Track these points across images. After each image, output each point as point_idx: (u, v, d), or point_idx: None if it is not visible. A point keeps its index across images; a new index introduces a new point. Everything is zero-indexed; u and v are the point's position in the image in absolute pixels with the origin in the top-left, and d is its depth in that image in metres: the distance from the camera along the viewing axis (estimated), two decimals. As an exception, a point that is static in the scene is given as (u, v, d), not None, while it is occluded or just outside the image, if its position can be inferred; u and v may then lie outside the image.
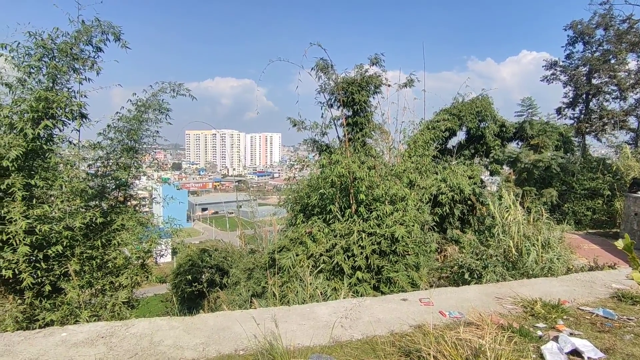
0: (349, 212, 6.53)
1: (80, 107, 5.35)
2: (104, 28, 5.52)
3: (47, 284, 5.07)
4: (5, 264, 4.59)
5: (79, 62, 5.41)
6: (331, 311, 3.34)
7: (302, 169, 7.53)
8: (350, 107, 7.39)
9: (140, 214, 6.28)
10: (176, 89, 6.09)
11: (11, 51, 5.02)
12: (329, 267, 6.15)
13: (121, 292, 5.62)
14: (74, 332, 2.59)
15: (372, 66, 7.20)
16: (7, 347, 2.36)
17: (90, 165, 6.01)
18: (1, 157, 4.65)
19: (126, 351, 2.39)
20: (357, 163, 6.42)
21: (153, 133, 6.16)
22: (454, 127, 11.90)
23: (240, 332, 2.80)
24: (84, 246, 5.44)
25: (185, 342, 2.59)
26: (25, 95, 5.08)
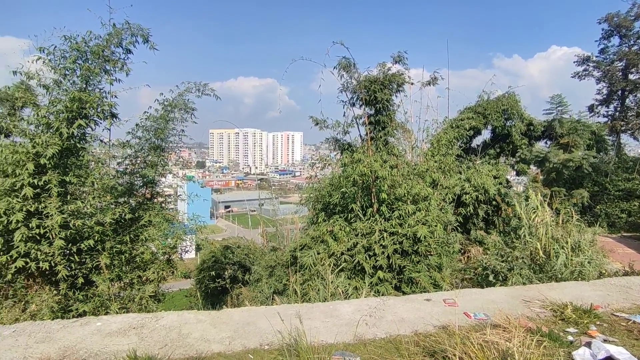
0: (370, 211, 6.49)
1: (111, 107, 5.55)
2: (134, 30, 5.70)
3: (80, 276, 5.30)
4: (43, 256, 4.83)
5: (110, 64, 5.61)
6: (354, 309, 3.35)
7: (324, 168, 7.55)
8: (372, 105, 7.34)
9: (167, 210, 6.46)
10: (201, 88, 6.23)
11: (48, 54, 5.26)
12: (350, 266, 6.14)
13: (148, 286, 5.82)
14: (107, 322, 2.71)
15: (395, 64, 7.13)
16: (47, 334, 2.50)
17: (119, 163, 6.24)
18: (39, 155, 4.89)
19: (156, 342, 2.48)
20: (379, 162, 6.37)
21: (179, 132, 6.34)
22: (479, 126, 11.63)
23: (265, 327, 2.84)
24: (113, 241, 5.66)
25: (212, 335, 2.65)
26: (60, 96, 5.31)
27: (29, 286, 5.18)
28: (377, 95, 7.13)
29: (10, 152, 4.81)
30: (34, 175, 4.83)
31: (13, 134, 5.41)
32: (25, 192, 4.72)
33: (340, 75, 7.12)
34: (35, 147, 4.88)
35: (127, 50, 5.73)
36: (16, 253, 4.70)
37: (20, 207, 4.70)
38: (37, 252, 4.81)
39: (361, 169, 6.10)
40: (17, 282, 5.04)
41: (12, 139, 5.54)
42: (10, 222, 4.64)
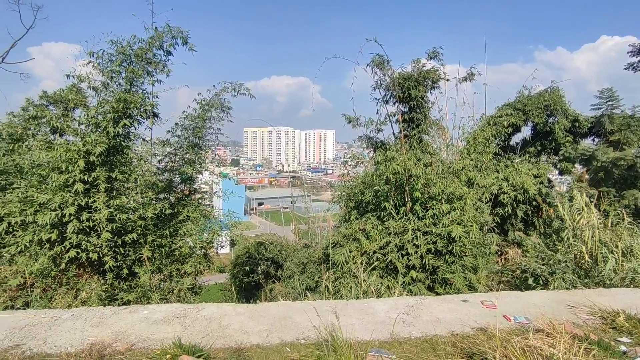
0: (403, 210, 6.41)
1: (152, 107, 5.81)
2: (174, 33, 5.93)
3: (125, 267, 5.61)
4: (92, 247, 5.14)
5: (152, 66, 5.86)
6: (389, 308, 3.33)
7: (357, 166, 7.53)
8: (406, 103, 7.23)
9: (204, 206, 6.69)
10: (237, 88, 6.39)
11: (97, 58, 5.57)
12: (382, 264, 6.10)
13: (186, 279, 6.06)
14: (153, 311, 2.87)
15: (430, 60, 6.99)
16: (100, 319, 2.68)
17: (160, 160, 6.53)
18: (89, 153, 5.21)
19: (198, 331, 2.59)
20: (412, 160, 6.28)
21: (215, 130, 6.54)
22: (518, 123, 11.12)
23: (301, 322, 2.89)
24: (154, 235, 5.93)
25: (250, 327, 2.73)
26: (107, 97, 5.61)
27: (80, 275, 5.53)
28: (411, 92, 7.02)
29: (64, 150, 5.15)
30: (84, 172, 5.14)
31: (66, 133, 5.79)
32: (77, 187, 5.03)
33: (374, 73, 7.07)
34: (86, 146, 5.19)
35: (168, 52, 5.97)
36: (69, 244, 5.03)
37: (73, 201, 5.02)
38: (87, 243, 5.13)
39: (394, 167, 6.04)
40: (70, 270, 5.40)
41: (65, 137, 5.94)
42: (64, 215, 4.97)
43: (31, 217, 5.00)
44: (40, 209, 5.07)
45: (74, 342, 2.36)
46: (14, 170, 5.62)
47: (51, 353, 2.24)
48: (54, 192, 5.08)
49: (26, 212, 5.05)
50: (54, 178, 5.09)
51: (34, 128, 6.04)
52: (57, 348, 2.30)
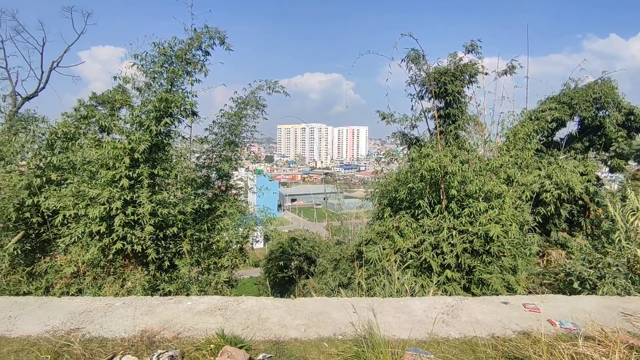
0: (438, 208, 6.28)
1: (192, 106, 6.01)
2: (212, 34, 6.10)
3: (166, 259, 5.88)
4: (136, 240, 5.43)
5: (191, 66, 6.06)
6: (426, 307, 3.28)
7: (390, 163, 7.43)
8: (442, 98, 7.04)
9: (239, 202, 6.88)
10: (272, 86, 6.48)
11: (141, 60, 5.84)
12: (416, 263, 6.02)
13: (223, 272, 6.26)
14: (196, 302, 3.00)
15: (468, 54, 6.75)
16: (149, 308, 2.84)
17: (198, 157, 6.77)
18: (133, 150, 5.48)
19: (239, 323, 2.68)
20: (448, 157, 6.12)
21: (251, 128, 6.68)
22: (563, 117, 10.47)
23: (338, 318, 2.92)
24: (193, 229, 6.17)
25: (288, 321, 2.79)
26: (150, 97, 5.88)
27: (125, 266, 5.86)
28: (447, 87, 6.82)
29: (111, 148, 5.45)
30: (129, 168, 5.42)
31: (113, 131, 6.14)
32: (123, 182, 5.32)
33: (409, 68, 6.93)
34: (131, 143, 5.47)
35: (206, 53, 6.14)
36: (116, 236, 5.33)
37: (119, 195, 5.32)
38: (132, 236, 5.42)
39: (429, 164, 5.91)
40: (117, 261, 5.73)
41: (112, 136, 6.29)
42: (112, 209, 5.27)
43: (83, 210, 5.34)
44: (90, 202, 5.40)
45: (126, 328, 2.52)
46: (68, 166, 6.02)
47: (107, 337, 2.41)
48: (102, 187, 5.40)
49: (78, 206, 5.40)
50: (103, 174, 5.41)
51: (85, 127, 6.43)
52: (112, 333, 2.46)
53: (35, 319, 2.63)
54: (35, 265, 5.86)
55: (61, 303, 2.94)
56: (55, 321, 2.59)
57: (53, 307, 2.84)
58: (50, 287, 5.64)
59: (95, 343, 2.33)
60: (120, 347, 2.26)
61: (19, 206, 5.80)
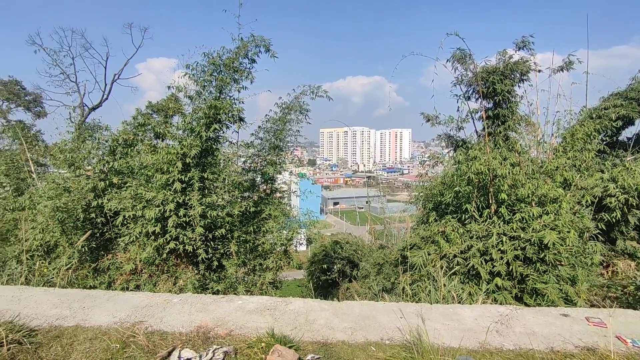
0: (487, 213, 6.01)
1: (239, 112, 6.24)
2: (257, 42, 6.29)
3: (215, 260, 6.14)
4: (188, 240, 5.72)
5: (238, 74, 6.30)
6: (477, 315, 3.16)
7: (435, 166, 7.24)
8: (490, 98, 6.76)
9: (284, 205, 7.03)
10: (315, 91, 6.57)
11: (192, 70, 6.16)
12: (463, 269, 5.80)
13: (268, 274, 6.42)
14: (247, 302, 3.11)
15: (519, 51, 6.43)
16: (203, 306, 3.00)
17: (244, 161, 7.01)
18: (185, 155, 5.79)
19: (287, 324, 2.75)
20: (498, 159, 5.86)
21: (294, 132, 6.82)
22: (631, 115, 9.57)
23: (385, 322, 2.89)
24: (240, 231, 6.39)
25: (335, 324, 2.82)
26: (200, 104, 6.18)
27: (177, 265, 6.19)
28: (496, 86, 6.54)
29: (165, 153, 5.80)
30: (181, 172, 5.74)
31: (167, 137, 6.54)
32: (176, 186, 5.63)
33: (454, 68, 6.74)
34: (183, 149, 5.78)
35: (252, 60, 6.35)
36: (169, 236, 5.65)
37: (172, 198, 5.64)
38: (184, 236, 5.71)
39: (477, 167, 5.69)
40: (170, 260, 6.07)
41: (165, 142, 6.69)
42: (166, 211, 5.60)
43: (140, 211, 5.72)
44: (147, 204, 5.77)
45: (184, 323, 2.68)
46: (127, 171, 6.48)
47: (167, 331, 2.57)
48: (157, 190, 5.75)
49: (136, 208, 5.79)
50: (158, 178, 5.76)
51: (142, 134, 6.91)
52: (171, 327, 2.63)
53: (105, 310, 2.88)
54: (99, 262, 6.35)
55: (126, 297, 3.18)
56: (122, 314, 2.82)
57: (119, 300, 3.08)
58: (112, 282, 6.08)
59: (157, 336, 2.49)
60: (178, 341, 2.41)
61: (86, 207, 6.33)
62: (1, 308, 2.78)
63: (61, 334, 2.47)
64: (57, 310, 2.84)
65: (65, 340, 2.39)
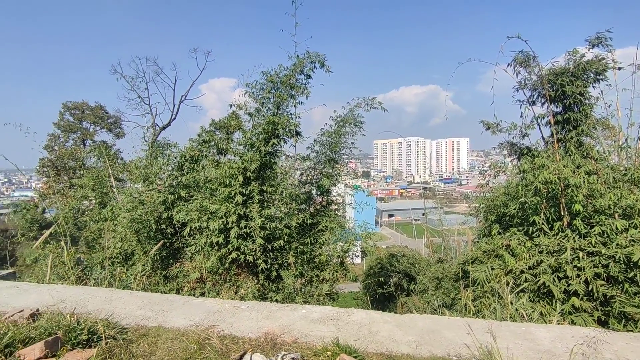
0: (558, 226, 5.58)
1: (295, 127, 6.46)
2: (312, 58, 6.52)
3: (274, 270, 6.33)
4: (248, 251, 5.97)
5: (294, 90, 6.55)
6: (554, 336, 2.92)
7: (497, 175, 6.87)
8: (559, 101, 6.30)
9: (339, 217, 7.09)
10: (369, 103, 6.63)
11: (251, 88, 6.53)
12: (532, 287, 5.40)
13: (324, 285, 6.47)
14: (310, 311, 3.18)
15: (592, 48, 5.94)
16: (269, 313, 3.12)
17: (301, 174, 7.21)
18: (246, 169, 6.11)
19: (351, 334, 2.76)
20: (569, 167, 5.43)
21: (349, 145, 6.90)
22: None
23: (451, 337, 2.79)
24: (297, 242, 6.54)
25: (398, 336, 2.77)
26: (259, 120, 6.50)
27: (239, 274, 6.47)
28: (565, 89, 6.08)
29: (227, 168, 6.16)
30: (242, 186, 6.05)
31: (228, 153, 6.95)
32: (237, 199, 5.94)
33: (516, 72, 6.41)
34: (243, 163, 6.11)
35: (308, 76, 6.57)
36: (231, 247, 5.94)
37: (234, 210, 5.95)
38: (245, 247, 5.97)
39: (545, 176, 5.32)
40: (232, 270, 6.37)
41: (227, 157, 7.12)
42: (228, 222, 5.91)
43: (205, 223, 6.10)
44: (211, 216, 6.14)
45: (252, 329, 2.81)
46: (194, 184, 6.97)
47: (237, 335, 2.71)
48: (220, 202, 6.10)
49: (202, 219, 6.19)
50: (221, 191, 6.12)
51: (206, 150, 7.42)
52: (241, 332, 2.77)
53: (181, 314, 3.11)
54: (169, 270, 6.85)
55: (199, 302, 3.41)
56: (196, 317, 3.03)
57: (193, 305, 3.31)
58: (180, 289, 6.50)
59: (228, 339, 2.64)
60: (248, 345, 2.53)
61: (158, 219, 6.89)
62: (97, 307, 3.13)
63: (147, 333, 2.71)
64: (141, 311, 3.13)
65: (151, 338, 2.63)
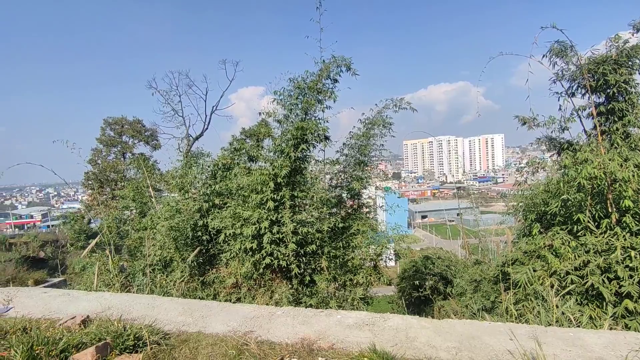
0: (606, 223, 5.25)
1: (324, 131, 6.48)
2: (339, 62, 6.51)
3: (307, 275, 6.37)
4: (281, 256, 6.04)
5: (322, 95, 6.56)
6: (606, 342, 2.74)
7: (535, 172, 6.56)
8: (601, 92, 5.94)
9: (371, 220, 7.04)
10: (398, 104, 6.54)
11: (279, 95, 6.62)
12: (580, 289, 5.11)
13: (358, 289, 6.43)
14: (345, 316, 3.17)
15: (637, 33, 5.58)
16: (304, 319, 3.15)
17: (331, 178, 7.22)
18: (276, 175, 6.19)
19: (387, 340, 2.72)
20: (616, 160, 5.10)
21: (378, 147, 6.84)
22: None
23: (492, 344, 2.69)
24: (329, 246, 6.54)
25: (437, 342, 2.70)
26: (288, 127, 6.57)
27: (273, 279, 6.56)
28: (607, 77, 5.73)
29: (259, 174, 6.27)
30: (273, 191, 6.13)
31: (259, 160, 7.09)
32: (269, 205, 6.03)
33: (552, 64, 6.11)
34: (274, 169, 6.19)
35: (334, 80, 6.57)
36: (265, 252, 6.03)
37: (266, 216, 6.04)
38: (278, 252, 6.05)
39: (589, 171, 5.03)
40: (266, 275, 6.47)
41: (258, 164, 7.26)
42: (261, 228, 6.02)
43: (239, 229, 6.24)
44: (244, 223, 6.27)
45: (288, 335, 2.84)
46: (227, 192, 7.15)
47: (274, 341, 2.75)
48: (253, 209, 6.21)
49: (235, 226, 6.33)
50: (253, 197, 6.24)
51: (237, 158, 7.60)
52: (277, 338, 2.80)
53: (220, 319, 3.19)
54: (205, 276, 7.06)
55: (236, 308, 3.49)
56: (234, 323, 3.10)
57: (230, 311, 3.40)
58: (217, 294, 6.67)
59: (266, 345, 2.68)
60: (285, 351, 2.56)
61: (194, 226, 7.12)
62: (141, 314, 3.29)
63: (188, 339, 2.81)
64: (182, 317, 3.25)
65: (192, 344, 2.72)
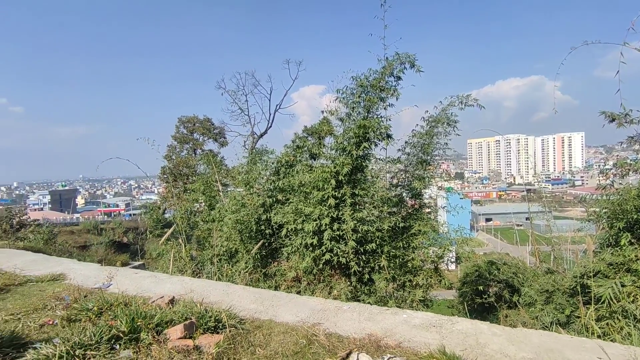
0: None
1: (386, 130, 6.41)
2: (402, 59, 6.39)
3: (365, 273, 6.37)
4: (341, 253, 6.11)
5: (384, 92, 6.49)
6: None
7: (625, 175, 5.86)
8: None
9: (433, 220, 6.83)
10: (464, 100, 6.25)
11: (342, 94, 6.67)
12: (681, 308, 4.51)
13: (418, 291, 6.28)
14: (411, 316, 3.14)
15: None
16: (370, 315, 3.18)
17: (392, 177, 7.13)
18: (338, 173, 6.26)
19: (456, 343, 2.65)
20: None
21: (442, 145, 6.60)
22: None
23: (574, 359, 2.49)
24: (389, 246, 6.47)
25: (510, 352, 2.57)
26: (350, 125, 6.61)
27: (332, 275, 6.66)
28: None
29: (320, 172, 6.39)
30: (335, 189, 6.21)
31: (320, 157, 7.22)
32: (330, 202, 6.12)
33: (651, 52, 5.41)
34: (336, 167, 6.27)
35: (398, 78, 6.45)
36: (325, 248, 6.14)
37: (327, 213, 6.14)
38: (337, 249, 6.12)
39: (697, 175, 4.40)
40: (325, 271, 6.59)
41: (320, 161, 7.39)
42: (321, 225, 6.13)
43: (300, 225, 6.41)
44: (306, 219, 6.44)
45: (355, 330, 2.88)
46: (289, 188, 7.39)
47: (341, 334, 2.82)
48: (314, 205, 6.35)
49: (297, 221, 6.52)
50: (314, 194, 6.37)
51: (299, 155, 7.81)
52: (344, 331, 2.87)
53: (289, 310, 3.34)
54: (267, 268, 7.37)
55: (303, 300, 3.63)
56: (302, 314, 3.22)
57: (298, 302, 3.54)
58: (277, 286, 6.94)
59: (334, 337, 2.76)
60: (353, 345, 2.60)
61: (257, 220, 7.46)
62: (217, 299, 3.56)
63: (261, 325, 2.98)
64: (254, 305, 3.45)
65: (265, 330, 2.88)
